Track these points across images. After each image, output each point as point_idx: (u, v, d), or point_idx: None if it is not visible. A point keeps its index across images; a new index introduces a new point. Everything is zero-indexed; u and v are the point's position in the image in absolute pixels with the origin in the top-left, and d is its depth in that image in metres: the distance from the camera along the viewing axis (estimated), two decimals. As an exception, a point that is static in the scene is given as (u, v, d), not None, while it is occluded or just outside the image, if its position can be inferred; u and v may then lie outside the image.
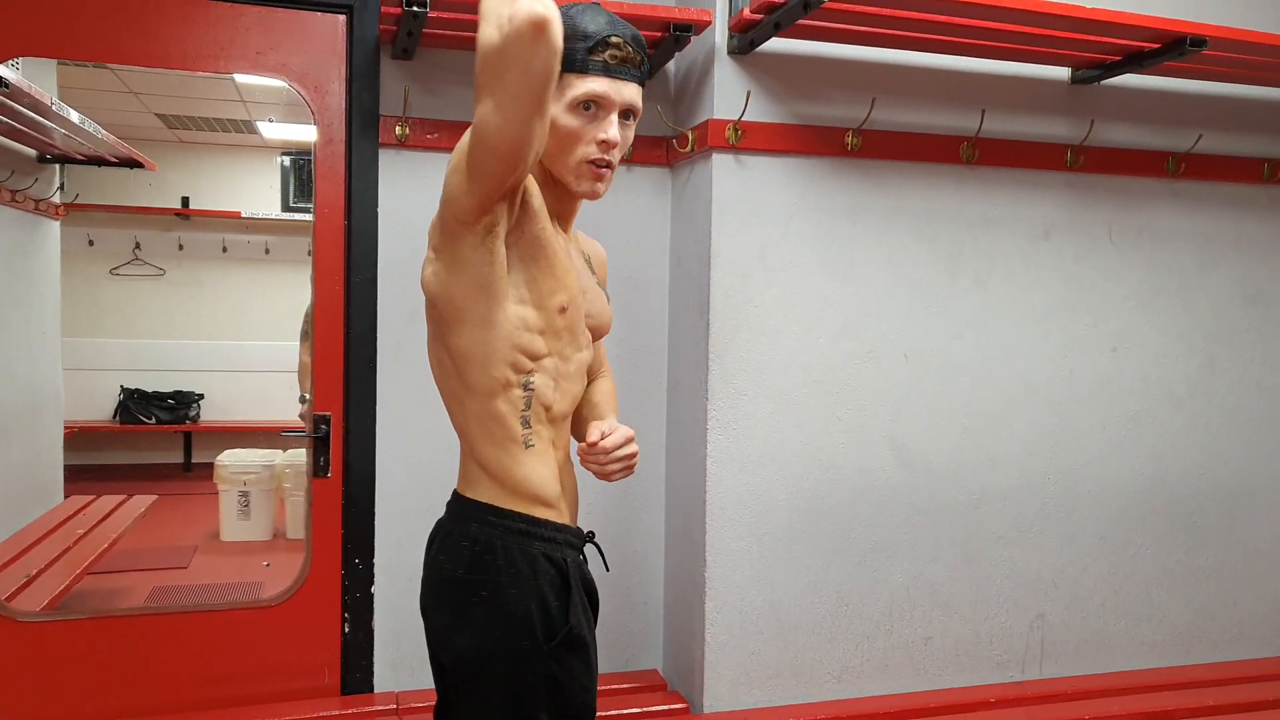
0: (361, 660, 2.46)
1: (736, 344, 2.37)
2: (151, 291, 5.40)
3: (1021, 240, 2.58)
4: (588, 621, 1.40)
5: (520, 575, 1.33)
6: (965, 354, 2.55)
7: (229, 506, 4.33)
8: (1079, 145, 2.56)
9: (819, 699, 2.47)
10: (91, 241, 5.27)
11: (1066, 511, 2.67)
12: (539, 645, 1.32)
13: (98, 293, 5.32)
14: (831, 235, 2.43)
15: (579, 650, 1.36)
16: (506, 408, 1.35)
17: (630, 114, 1.35)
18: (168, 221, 5.40)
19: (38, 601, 2.78)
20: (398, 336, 2.42)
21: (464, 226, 1.28)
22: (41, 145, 3.72)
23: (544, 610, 1.33)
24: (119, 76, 4.43)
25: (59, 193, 4.20)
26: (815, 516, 2.46)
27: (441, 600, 1.38)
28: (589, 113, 1.31)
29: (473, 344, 1.33)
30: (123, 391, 5.36)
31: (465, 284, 1.31)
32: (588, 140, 1.32)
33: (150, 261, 5.39)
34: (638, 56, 1.32)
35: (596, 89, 1.30)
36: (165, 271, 5.41)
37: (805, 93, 2.38)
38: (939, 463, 2.54)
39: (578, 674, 1.36)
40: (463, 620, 1.34)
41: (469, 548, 1.36)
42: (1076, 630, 2.70)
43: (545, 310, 1.35)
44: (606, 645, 2.61)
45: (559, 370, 1.39)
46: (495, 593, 1.33)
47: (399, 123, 2.38)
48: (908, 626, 2.55)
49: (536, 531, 1.36)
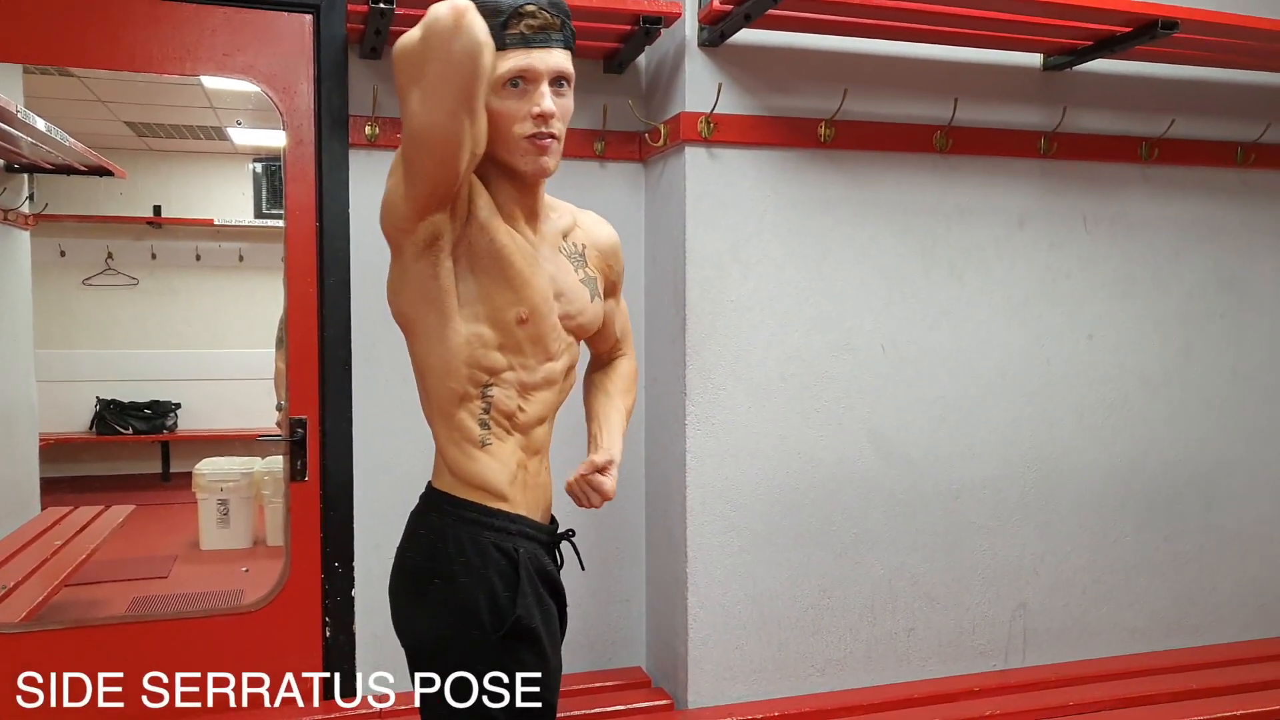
0: (344, 664, 2.44)
1: (713, 339, 2.36)
2: (125, 301, 5.34)
3: (996, 230, 2.58)
4: (543, 614, 1.39)
5: (470, 564, 1.34)
6: (942, 344, 2.55)
7: (208, 515, 4.29)
8: (1052, 132, 2.57)
9: (803, 692, 2.46)
10: (63, 252, 5.20)
11: (1046, 500, 2.67)
12: (487, 635, 1.32)
13: (71, 303, 5.25)
14: (806, 228, 2.42)
15: (531, 642, 1.36)
16: (465, 414, 1.36)
17: (563, 80, 1.32)
18: (140, 230, 5.34)
19: (15, 613, 2.74)
20: (373, 338, 2.40)
21: (403, 234, 1.29)
22: (9, 154, 3.67)
23: (492, 600, 1.33)
24: (86, 85, 4.37)
25: (28, 202, 4.15)
26: (795, 510, 2.45)
27: (403, 587, 1.40)
28: (518, 89, 1.29)
29: (427, 356, 1.35)
30: (99, 402, 5.30)
31: (411, 296, 1.33)
32: (522, 117, 1.30)
33: (123, 271, 5.33)
34: (557, 20, 1.29)
35: (520, 63, 1.28)
36: (139, 281, 5.35)
37: (777, 84, 2.37)
38: (917, 453, 2.54)
39: (529, 666, 1.36)
40: (419, 607, 1.37)
41: (426, 536, 1.38)
42: (1058, 618, 2.71)
43: (502, 324, 1.34)
44: (589, 644, 2.60)
45: (523, 381, 1.38)
46: (448, 581, 1.34)
47: (369, 122, 2.36)
48: (890, 618, 2.55)
49: (488, 521, 1.36)
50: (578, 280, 1.46)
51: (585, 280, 1.48)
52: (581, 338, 1.50)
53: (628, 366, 1.66)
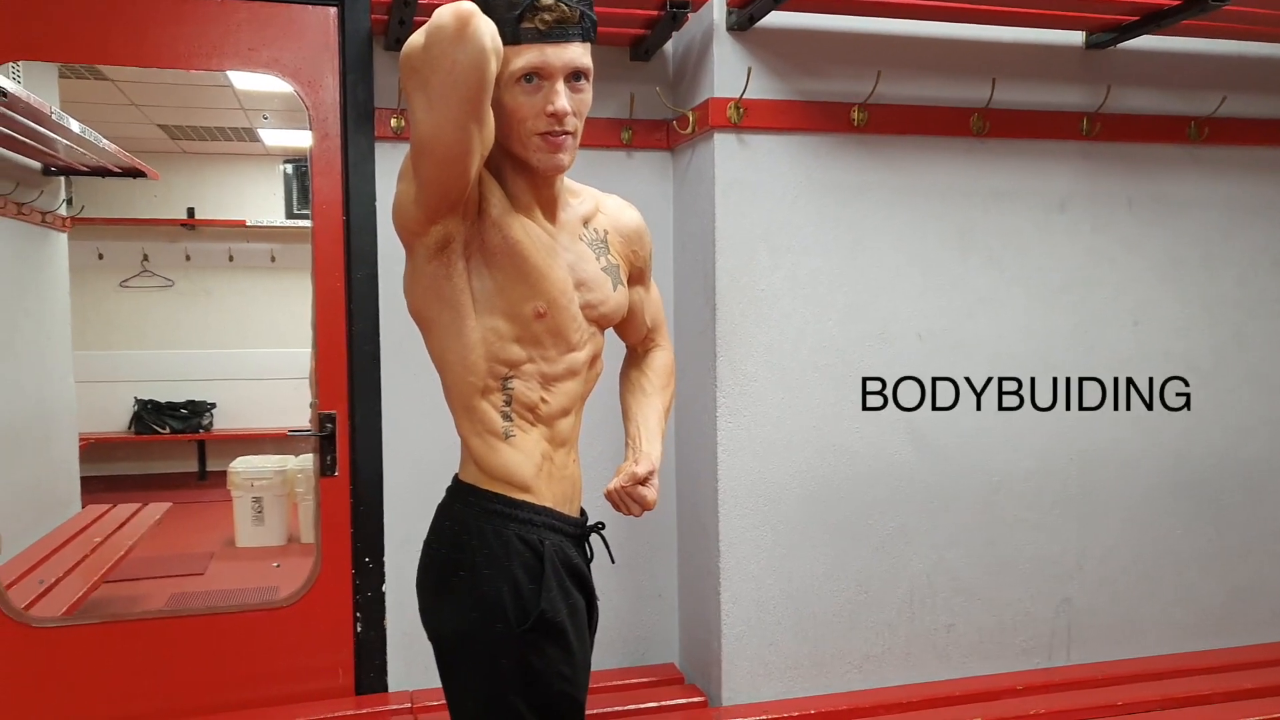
0: (375, 659, 2.42)
1: (744, 329, 2.32)
2: (161, 302, 5.41)
3: (1036, 213, 2.51)
4: (570, 608, 1.35)
5: (494, 556, 1.32)
6: (980, 332, 2.48)
7: (243, 513, 4.32)
8: (1095, 113, 2.49)
9: (840, 689, 2.41)
10: (101, 255, 5.28)
11: (1089, 492, 2.59)
12: (511, 628, 1.29)
13: (109, 305, 5.33)
14: (839, 214, 2.37)
15: (556, 637, 1.32)
16: (486, 406, 1.34)
17: (580, 75, 1.27)
18: (174, 232, 5.41)
19: (56, 608, 2.77)
20: (401, 332, 2.38)
21: (414, 237, 1.28)
22: (45, 157, 3.71)
23: (516, 592, 1.30)
24: (120, 89, 4.43)
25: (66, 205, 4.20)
26: (830, 503, 2.40)
27: (428, 579, 1.39)
28: (532, 84, 1.25)
29: (445, 353, 1.33)
30: (137, 402, 5.37)
31: (425, 295, 1.31)
32: (535, 113, 1.26)
33: (159, 273, 5.40)
34: (575, 13, 1.24)
35: (534, 60, 1.23)
36: (174, 282, 5.42)
37: (808, 68, 2.32)
38: (956, 445, 2.48)
39: (555, 661, 1.32)
40: (443, 600, 1.35)
41: (450, 527, 1.36)
42: (1104, 614, 2.63)
43: (519, 318, 1.31)
44: (621, 639, 2.57)
45: (544, 373, 1.35)
46: (471, 573, 1.32)
47: (394, 115, 2.34)
48: (929, 613, 2.48)
49: (512, 513, 1.34)
50: (599, 269, 1.42)
51: (607, 268, 1.43)
52: (605, 327, 1.46)
53: (663, 359, 1.61)
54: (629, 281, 1.50)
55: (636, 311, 1.55)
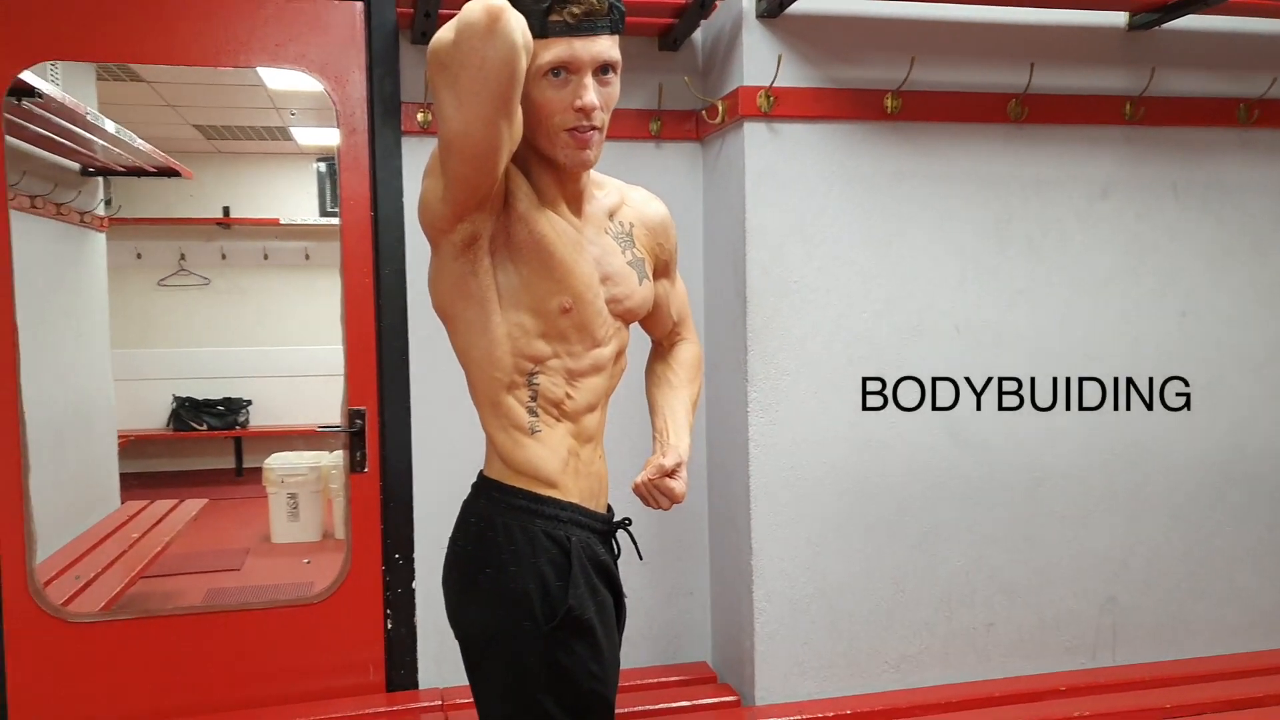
0: (405, 656, 2.42)
1: (776, 322, 2.27)
2: (198, 300, 5.48)
3: (1077, 201, 2.44)
4: (597, 605, 1.33)
5: (520, 552, 1.30)
6: (1019, 324, 2.42)
7: (278, 509, 4.36)
8: (1139, 96, 2.41)
9: (876, 689, 2.37)
10: (139, 254, 5.36)
11: (1135, 488, 2.52)
12: (538, 626, 1.27)
13: (147, 304, 5.41)
14: (873, 204, 2.32)
15: (584, 634, 1.30)
16: (512, 401, 1.32)
17: (608, 68, 1.25)
18: (210, 231, 5.47)
19: (94, 604, 2.81)
20: (430, 327, 2.36)
21: (441, 234, 1.26)
22: (82, 158, 3.76)
23: (543, 589, 1.28)
24: (156, 90, 4.48)
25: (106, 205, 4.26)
26: (865, 499, 2.35)
27: (454, 576, 1.37)
28: (560, 79, 1.22)
29: (469, 349, 1.31)
30: (175, 400, 5.45)
31: (450, 291, 1.30)
32: (563, 108, 1.23)
33: (195, 271, 5.46)
34: (603, 5, 1.21)
35: (561, 53, 1.20)
36: (210, 281, 5.49)
37: (840, 54, 2.27)
38: (995, 440, 2.42)
39: (583, 659, 1.30)
40: (469, 597, 1.33)
41: (476, 524, 1.35)
42: (1151, 614, 2.55)
43: (545, 314, 1.29)
44: (653, 637, 2.54)
45: (569, 368, 1.33)
46: (498, 570, 1.30)
47: (421, 109, 2.33)
48: (968, 612, 2.43)
49: (538, 509, 1.32)
50: (625, 262, 1.39)
51: (633, 262, 1.41)
52: (631, 321, 1.43)
53: (690, 352, 1.58)
54: (654, 275, 1.47)
55: (662, 305, 1.52)
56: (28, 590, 2.23)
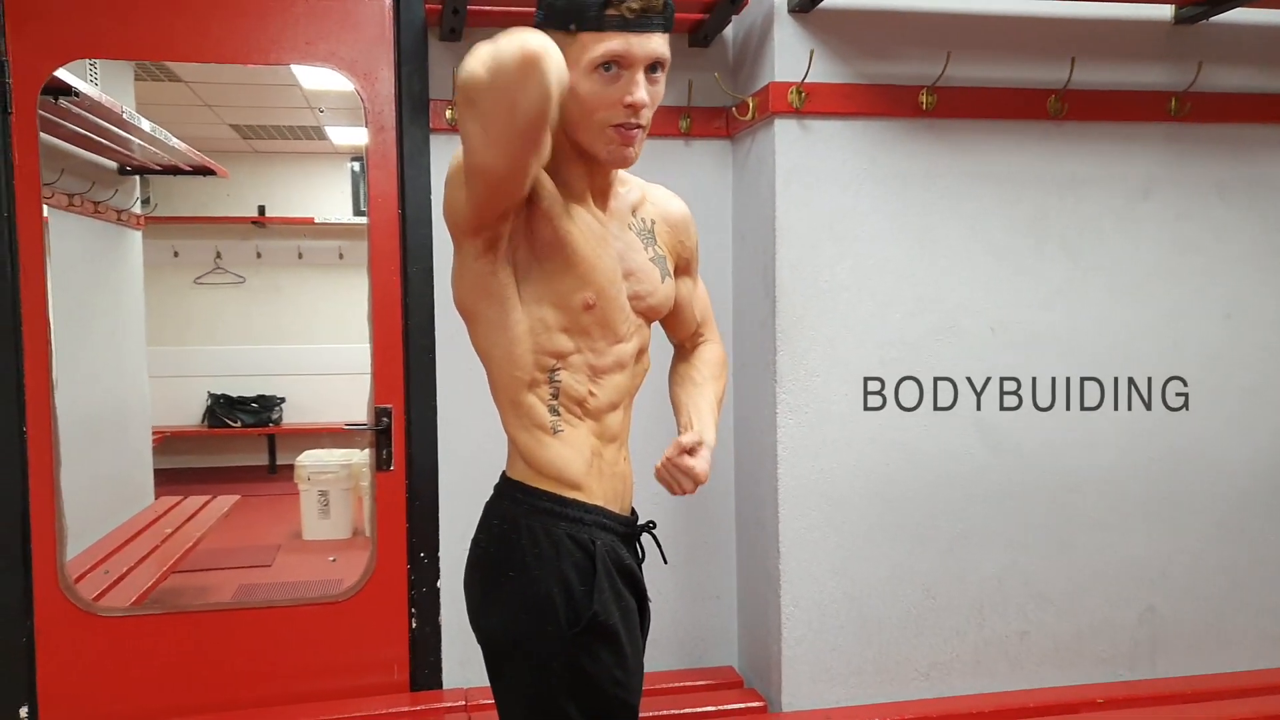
0: (429, 656, 2.41)
1: (806, 322, 2.24)
2: (233, 299, 5.54)
3: (1117, 200, 2.37)
4: (622, 609, 1.30)
5: (543, 555, 1.27)
6: (1055, 325, 2.36)
7: (309, 506, 4.39)
8: (1184, 92, 2.34)
9: (906, 697, 2.32)
10: (176, 253, 5.43)
11: (1176, 495, 2.45)
12: (562, 630, 1.25)
13: (184, 302, 5.48)
14: (906, 202, 2.27)
15: (608, 639, 1.28)
16: (534, 399, 1.30)
17: (657, 67, 1.23)
18: (246, 230, 5.53)
19: (126, 598, 2.83)
20: (455, 326, 2.32)
21: (464, 236, 1.24)
22: (119, 156, 3.81)
23: (566, 593, 1.26)
24: (193, 90, 4.53)
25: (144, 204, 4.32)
26: (896, 503, 2.31)
27: (476, 579, 1.35)
28: (610, 73, 1.20)
29: (491, 348, 1.30)
30: (210, 397, 5.51)
31: (471, 289, 1.28)
32: (611, 104, 1.21)
33: (231, 270, 5.53)
34: (660, 2, 1.20)
35: (615, 47, 1.18)
36: (245, 279, 5.55)
37: (873, 50, 2.23)
38: (1030, 444, 2.36)
39: (608, 664, 1.27)
40: (492, 600, 1.31)
41: (499, 526, 1.32)
42: (1191, 624, 2.48)
43: (567, 309, 1.27)
44: (679, 641, 2.51)
45: (592, 365, 1.31)
46: (521, 573, 1.27)
47: (449, 106, 2.32)
48: (1000, 619, 2.37)
49: (562, 511, 1.29)
50: (647, 259, 1.37)
51: (655, 259, 1.39)
52: (653, 320, 1.41)
53: (713, 352, 1.57)
54: (675, 273, 1.45)
55: (684, 305, 1.50)
56: (58, 585, 2.25)
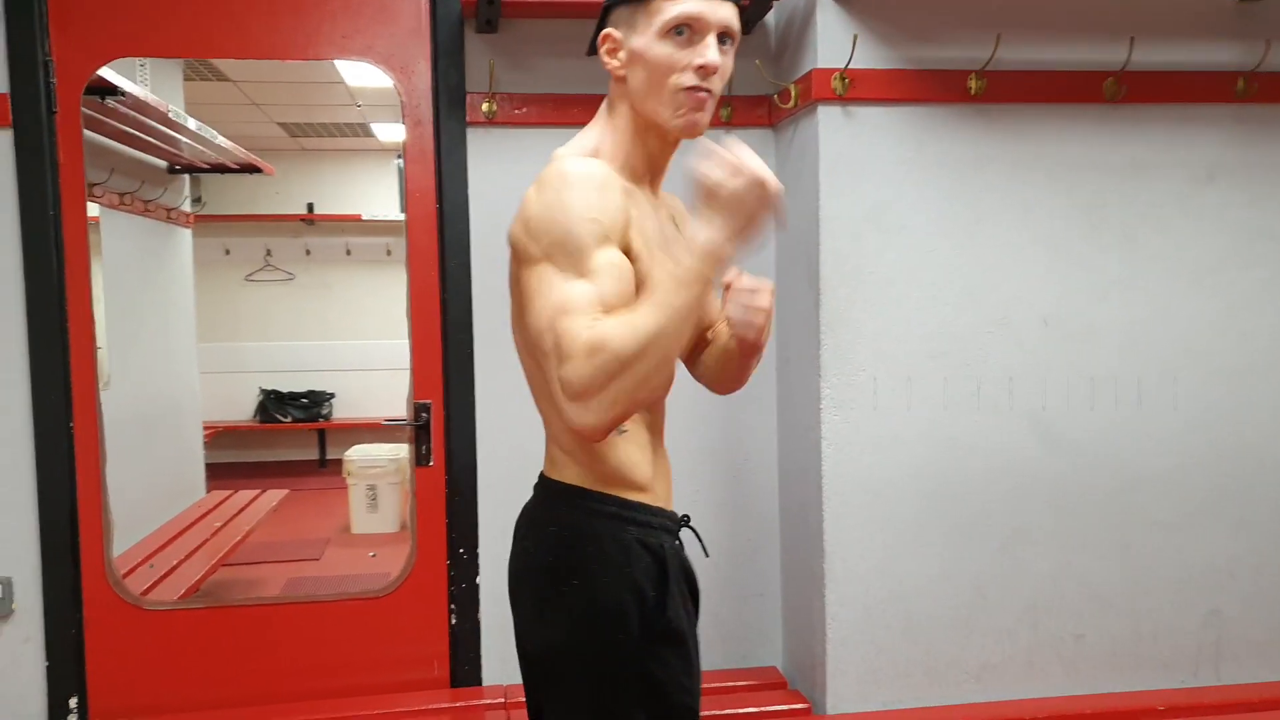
0: (469, 652, 2.41)
1: (850, 315, 2.18)
2: (283, 296, 5.62)
3: (1179, 186, 2.27)
4: (687, 614, 1.27)
5: (613, 562, 1.22)
6: (1113, 317, 2.27)
7: (358, 500, 4.44)
8: (1251, 72, 2.23)
9: (956, 701, 2.25)
10: (228, 250, 5.52)
11: (1242, 494, 2.34)
12: (633, 639, 1.20)
13: (235, 299, 5.57)
14: (954, 190, 2.20)
15: (678, 645, 1.23)
16: None
17: (727, 38, 1.21)
18: (295, 228, 5.60)
19: (174, 591, 2.88)
20: (494, 320, 2.35)
21: None
22: (168, 155, 3.87)
23: (639, 601, 1.21)
24: (240, 89, 4.59)
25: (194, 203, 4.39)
26: (945, 501, 2.24)
27: (528, 589, 1.28)
28: (682, 37, 1.18)
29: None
30: (261, 392, 5.60)
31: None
32: (683, 67, 1.19)
33: (281, 267, 5.60)
34: None
35: (690, 9, 1.17)
36: (295, 276, 5.62)
37: (919, 33, 2.16)
38: (1085, 440, 2.27)
39: (676, 671, 1.23)
40: (550, 610, 1.24)
41: (556, 533, 1.25)
42: (1260, 629, 2.37)
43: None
44: (721, 640, 2.47)
45: None
46: (586, 581, 1.21)
47: (486, 99, 2.30)
48: (1055, 621, 2.29)
49: (630, 515, 1.24)
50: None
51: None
52: None
53: None
54: None
55: None
56: (106, 579, 2.28)
